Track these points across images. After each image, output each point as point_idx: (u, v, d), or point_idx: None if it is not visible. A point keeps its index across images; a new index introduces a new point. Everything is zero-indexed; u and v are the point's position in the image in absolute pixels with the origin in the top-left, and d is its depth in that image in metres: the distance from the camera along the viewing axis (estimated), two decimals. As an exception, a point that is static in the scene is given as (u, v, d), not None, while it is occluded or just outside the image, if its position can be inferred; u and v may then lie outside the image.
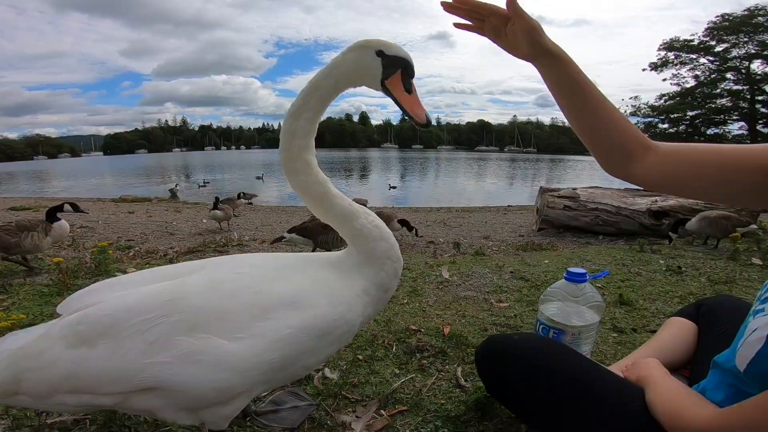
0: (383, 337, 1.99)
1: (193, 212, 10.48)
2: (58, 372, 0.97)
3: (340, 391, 1.54)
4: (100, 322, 0.99)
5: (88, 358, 0.97)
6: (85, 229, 6.82)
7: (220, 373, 0.96)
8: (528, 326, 2.19)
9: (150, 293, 1.03)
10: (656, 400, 0.96)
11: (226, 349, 0.96)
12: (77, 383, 0.97)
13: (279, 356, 1.01)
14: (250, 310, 1.00)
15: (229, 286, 1.04)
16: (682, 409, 0.90)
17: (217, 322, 0.98)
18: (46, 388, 0.99)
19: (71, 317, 1.04)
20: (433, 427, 1.36)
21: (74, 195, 16.63)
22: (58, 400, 1.00)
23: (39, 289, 2.77)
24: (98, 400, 1.00)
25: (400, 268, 1.22)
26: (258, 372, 1.00)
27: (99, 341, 0.97)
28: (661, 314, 2.39)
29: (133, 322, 0.97)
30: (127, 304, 1.01)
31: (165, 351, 0.95)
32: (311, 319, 1.05)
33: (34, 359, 0.99)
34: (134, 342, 0.96)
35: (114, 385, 0.97)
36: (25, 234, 3.41)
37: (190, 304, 0.99)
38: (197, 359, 0.95)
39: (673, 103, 21.86)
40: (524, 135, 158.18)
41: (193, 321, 0.97)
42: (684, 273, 3.30)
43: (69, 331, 1.00)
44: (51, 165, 71.05)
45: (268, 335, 1.00)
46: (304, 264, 1.19)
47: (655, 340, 1.35)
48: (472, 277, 3.12)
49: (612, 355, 1.89)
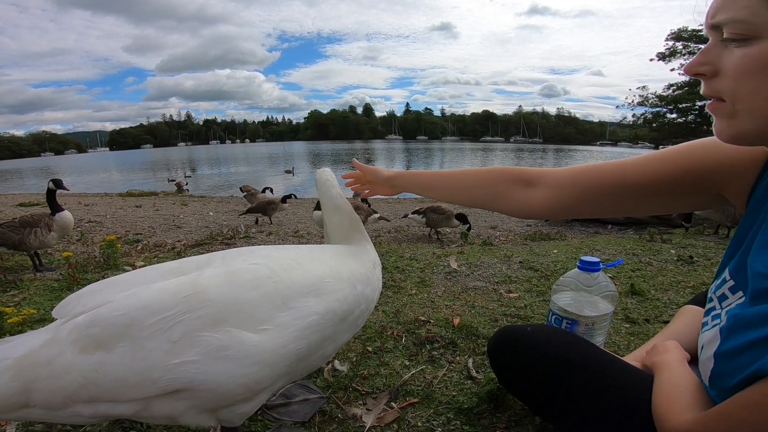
0: (392, 328, 1.97)
1: (199, 205, 10.50)
2: (73, 380, 0.90)
3: (350, 384, 1.53)
4: (115, 323, 0.92)
5: (106, 363, 0.90)
6: (93, 224, 6.87)
7: (248, 368, 0.92)
8: (539, 317, 2.16)
9: (166, 289, 0.97)
10: (656, 391, 0.92)
11: (252, 341, 0.93)
12: (96, 391, 0.90)
13: (305, 345, 0.99)
14: (272, 300, 0.98)
15: (247, 277, 1.00)
16: (670, 410, 0.84)
17: (241, 315, 0.94)
18: (60, 399, 0.91)
19: (79, 319, 0.97)
20: (445, 420, 1.34)
21: (81, 191, 16.73)
22: (73, 411, 0.93)
23: (49, 284, 2.78)
24: (117, 409, 0.94)
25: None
26: (284, 364, 0.97)
27: (117, 344, 0.91)
28: (674, 304, 2.36)
29: (152, 321, 0.91)
30: (142, 302, 0.94)
31: (191, 348, 0.90)
32: (334, 303, 1.05)
33: (44, 368, 0.91)
34: (156, 342, 0.89)
35: (137, 391, 0.90)
36: (28, 230, 3.41)
37: (211, 297, 0.94)
38: (225, 355, 0.91)
39: (682, 93, 21.53)
40: (530, 125, 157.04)
41: (216, 315, 0.92)
42: (696, 263, 3.25)
43: (80, 335, 0.93)
44: (58, 161, 71.43)
45: (294, 324, 0.98)
46: (315, 252, 1.21)
47: (669, 329, 1.32)
48: (480, 268, 3.10)
49: (625, 346, 1.87)
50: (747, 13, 0.63)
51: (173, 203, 10.90)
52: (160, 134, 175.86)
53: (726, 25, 0.66)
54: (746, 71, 0.65)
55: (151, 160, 52.77)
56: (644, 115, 23.98)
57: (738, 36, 0.65)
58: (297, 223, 7.65)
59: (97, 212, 8.45)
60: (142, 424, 1.31)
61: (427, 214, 5.95)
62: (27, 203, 10.43)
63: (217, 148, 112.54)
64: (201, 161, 46.48)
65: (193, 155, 66.30)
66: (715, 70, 0.69)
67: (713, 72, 0.70)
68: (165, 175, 27.55)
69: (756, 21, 0.63)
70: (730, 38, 0.66)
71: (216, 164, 40.66)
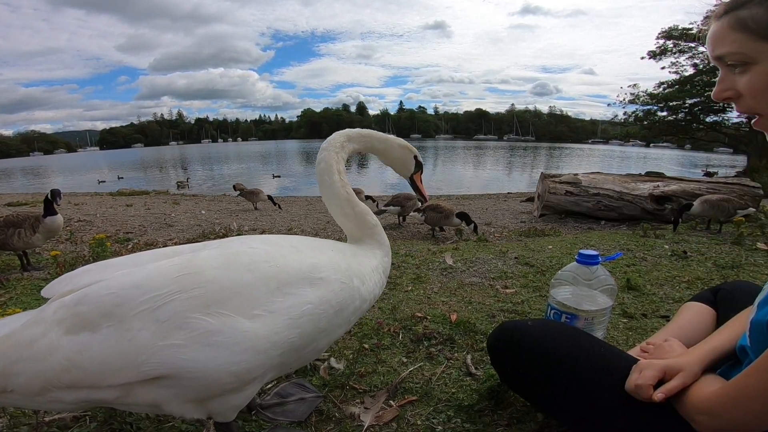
0: (389, 324, 1.94)
1: (191, 204, 10.41)
2: (55, 363, 0.84)
3: (347, 382, 1.50)
4: (104, 301, 0.87)
5: (91, 345, 0.84)
6: (82, 223, 6.76)
7: (237, 355, 0.88)
8: (536, 312, 2.15)
9: (160, 269, 0.93)
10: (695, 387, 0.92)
11: (244, 327, 0.89)
12: (78, 375, 0.84)
13: (298, 334, 0.96)
14: (266, 284, 0.94)
15: (244, 259, 0.97)
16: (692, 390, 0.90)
17: (235, 298, 0.90)
18: (39, 384, 0.85)
19: (68, 298, 0.91)
20: (446, 418, 1.31)
21: (71, 189, 16.51)
22: (52, 396, 0.87)
23: (37, 283, 2.72)
24: (98, 395, 0.88)
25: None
26: (276, 353, 0.93)
27: (103, 324, 0.86)
28: (670, 299, 2.36)
29: (142, 299, 0.86)
30: (135, 281, 0.89)
31: (179, 331, 0.85)
32: (329, 294, 1.02)
33: (25, 349, 0.86)
34: (144, 321, 0.85)
35: (119, 375, 0.85)
36: (12, 231, 3.33)
37: (206, 278, 0.90)
38: (215, 341, 0.86)
39: (672, 91, 21.63)
40: (522, 123, 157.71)
41: (209, 297, 0.88)
42: (690, 258, 3.26)
43: (66, 314, 0.88)
44: (47, 161, 70.55)
45: (287, 312, 0.94)
46: (316, 242, 1.19)
47: (674, 325, 1.30)
48: (476, 264, 3.08)
49: (624, 340, 1.85)
50: (736, 46, 0.79)
51: (164, 202, 10.78)
52: (151, 133, 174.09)
53: (725, 57, 0.81)
54: (759, 90, 0.79)
55: (141, 159, 52.30)
56: (635, 113, 24.08)
57: (738, 63, 0.80)
58: (290, 221, 7.60)
59: (87, 211, 8.33)
60: (131, 425, 1.26)
61: (426, 212, 5.87)
62: (15, 203, 10.26)
63: (208, 147, 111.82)
64: (193, 160, 46.12)
65: (184, 154, 65.79)
66: (737, 92, 0.82)
67: (737, 94, 0.82)
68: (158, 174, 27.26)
69: (746, 50, 0.78)
70: (733, 65, 0.81)
71: (207, 163, 40.37)
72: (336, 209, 1.31)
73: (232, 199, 11.84)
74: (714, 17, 0.84)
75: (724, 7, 0.82)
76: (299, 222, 7.43)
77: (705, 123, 22.12)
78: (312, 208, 9.93)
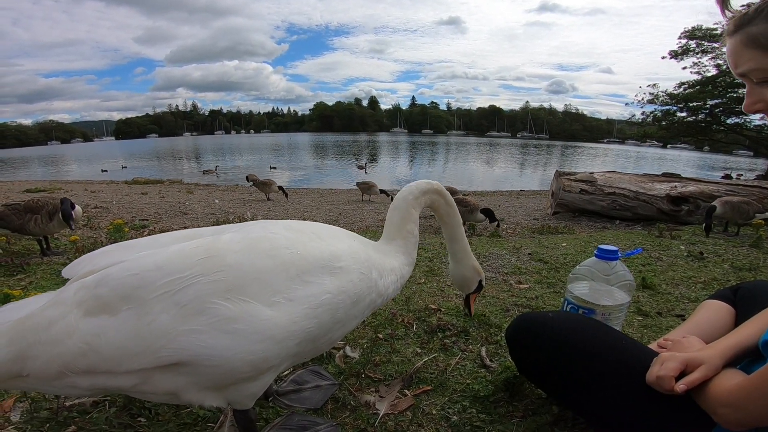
0: (402, 315, 1.95)
1: (205, 193, 10.52)
2: (73, 345, 0.82)
3: (362, 370, 1.51)
4: (124, 283, 0.85)
5: (109, 328, 0.82)
6: (99, 209, 6.87)
7: (255, 345, 0.87)
8: (550, 307, 2.14)
9: (183, 251, 0.91)
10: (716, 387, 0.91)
11: (263, 316, 0.88)
12: (95, 359, 0.82)
13: (315, 324, 0.95)
14: (287, 270, 0.93)
15: (266, 245, 0.96)
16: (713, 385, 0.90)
17: (254, 284, 0.89)
18: (56, 368, 0.83)
19: (88, 279, 0.90)
20: (461, 408, 1.32)
21: (86, 178, 16.78)
22: (68, 382, 0.85)
23: (56, 268, 2.78)
24: (114, 381, 0.86)
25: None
26: (293, 342, 0.92)
27: (122, 307, 0.84)
28: (686, 299, 2.33)
29: (163, 282, 0.84)
30: (157, 262, 0.88)
31: (199, 316, 0.84)
32: (348, 283, 1.01)
33: (44, 331, 0.84)
34: (163, 304, 0.83)
35: (136, 361, 0.83)
36: (29, 216, 3.39)
37: (227, 262, 0.89)
38: (234, 328, 0.85)
39: (693, 92, 21.19)
40: (536, 121, 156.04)
41: (231, 281, 0.87)
42: (706, 259, 3.21)
43: (86, 296, 0.86)
44: (64, 150, 71.69)
45: (306, 300, 0.93)
46: (337, 231, 1.18)
47: (692, 322, 1.29)
48: (489, 258, 3.07)
49: (638, 338, 1.84)
50: (754, 63, 0.81)
51: (179, 191, 10.91)
52: (165, 124, 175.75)
53: (749, 73, 0.83)
54: None
55: (155, 149, 52.90)
56: (654, 113, 23.68)
57: (761, 79, 0.82)
58: (303, 212, 7.65)
59: (103, 198, 8.47)
60: (150, 411, 1.26)
61: None
62: (33, 189, 10.47)
63: (222, 138, 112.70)
64: (206, 151, 46.56)
65: (198, 145, 66.39)
66: (767, 104, 0.84)
67: (766, 106, 0.84)
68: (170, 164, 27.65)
69: (765, 65, 0.80)
70: (759, 81, 0.82)
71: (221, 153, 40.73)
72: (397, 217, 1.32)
73: (245, 189, 11.95)
74: (727, 35, 0.86)
75: (734, 24, 0.84)
76: (312, 213, 7.47)
77: (726, 125, 21.69)
78: (323, 200, 9.99)
